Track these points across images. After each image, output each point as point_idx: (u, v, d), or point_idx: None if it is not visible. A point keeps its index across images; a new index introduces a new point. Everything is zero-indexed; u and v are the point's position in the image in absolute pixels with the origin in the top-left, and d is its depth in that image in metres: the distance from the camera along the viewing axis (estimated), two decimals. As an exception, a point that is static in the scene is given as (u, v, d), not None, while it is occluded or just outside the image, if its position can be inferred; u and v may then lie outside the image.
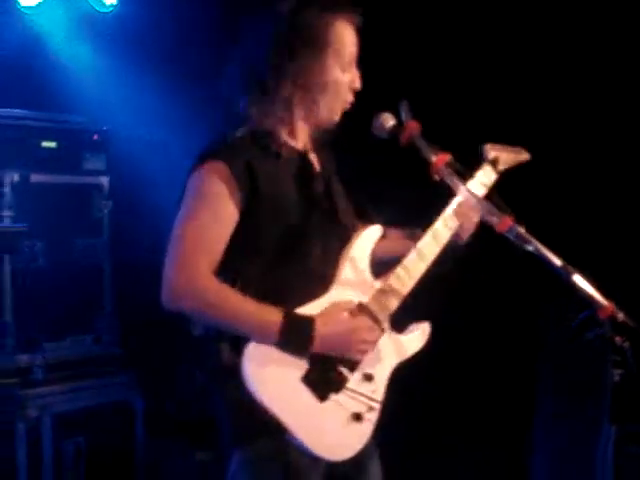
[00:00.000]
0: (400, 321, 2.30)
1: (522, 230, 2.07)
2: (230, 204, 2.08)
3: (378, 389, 2.21)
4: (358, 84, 2.21)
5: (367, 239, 2.27)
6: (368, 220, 2.35)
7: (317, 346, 2.07)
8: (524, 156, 2.61)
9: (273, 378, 2.05)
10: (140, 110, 4.52)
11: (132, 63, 4.45)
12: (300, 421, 2.05)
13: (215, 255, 2.08)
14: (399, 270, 2.23)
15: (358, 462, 2.22)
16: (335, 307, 2.13)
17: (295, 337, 2.05)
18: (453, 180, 2.04)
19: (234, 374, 2.02)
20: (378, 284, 2.23)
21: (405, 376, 2.30)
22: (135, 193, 4.51)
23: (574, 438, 3.52)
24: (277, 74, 2.13)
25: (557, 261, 2.02)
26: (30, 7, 4.34)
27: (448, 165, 2.05)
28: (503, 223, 2.06)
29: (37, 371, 3.90)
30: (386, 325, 2.23)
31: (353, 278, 2.20)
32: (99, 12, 4.37)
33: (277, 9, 2.16)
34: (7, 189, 3.91)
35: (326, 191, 2.27)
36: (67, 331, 4.15)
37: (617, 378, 1.99)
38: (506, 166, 2.51)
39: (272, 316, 2.04)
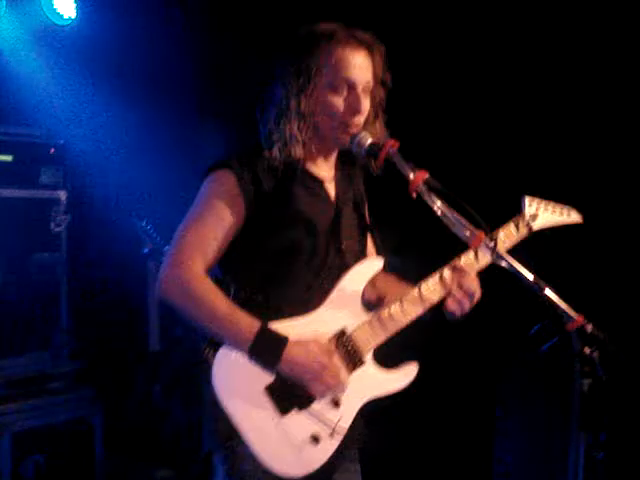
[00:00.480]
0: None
1: (496, 247, 2.13)
2: (232, 211, 2.17)
3: (344, 418, 2.20)
4: (359, 107, 2.21)
5: (366, 269, 2.29)
6: (375, 253, 2.44)
7: (282, 368, 2.10)
8: (573, 218, 2.53)
9: (238, 384, 2.10)
10: (98, 124, 4.49)
11: (90, 76, 4.42)
12: (257, 431, 2.08)
13: (211, 257, 2.16)
14: (394, 306, 2.26)
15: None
16: (313, 341, 2.14)
17: (264, 352, 2.09)
18: (430, 197, 2.08)
19: (209, 376, 2.10)
20: (368, 316, 2.26)
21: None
22: (93, 207, 4.47)
23: (540, 444, 3.61)
24: (286, 100, 2.20)
25: (529, 275, 2.09)
26: (-15, 19, 4.27)
27: (426, 182, 2.09)
28: (477, 238, 2.11)
29: (-5, 389, 3.83)
30: (368, 357, 2.25)
31: (343, 303, 2.23)
32: (57, 25, 4.32)
33: (285, 37, 2.26)
34: (-37, 204, 3.84)
35: (334, 219, 2.30)
36: (24, 347, 4.09)
37: (586, 387, 2.06)
38: (545, 226, 2.45)
39: (249, 325, 2.09)
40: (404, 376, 2.31)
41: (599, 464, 2.09)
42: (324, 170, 2.33)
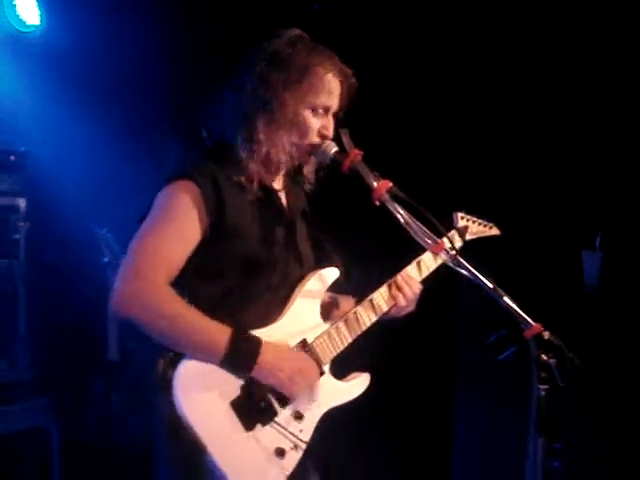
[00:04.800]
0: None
1: (457, 254, 2.19)
2: (195, 224, 2.11)
3: (306, 429, 2.22)
4: (329, 132, 2.26)
5: (322, 279, 2.33)
6: (329, 262, 2.43)
7: (258, 370, 2.09)
8: (494, 231, 2.81)
9: (202, 400, 2.05)
10: (58, 131, 4.47)
11: (51, 84, 4.40)
12: (222, 446, 2.05)
13: (172, 270, 2.10)
14: (351, 315, 2.32)
15: None
16: (283, 342, 2.17)
17: (241, 355, 2.07)
18: (393, 206, 2.12)
19: (168, 390, 2.04)
20: (326, 325, 2.30)
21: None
22: (53, 215, 4.44)
23: (498, 452, 3.67)
24: (253, 104, 2.19)
25: (488, 283, 2.15)
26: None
27: (389, 191, 2.14)
28: (439, 247, 2.17)
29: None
30: (326, 368, 2.29)
31: (303, 314, 2.26)
32: (20, 31, 4.30)
33: (268, 44, 2.23)
34: None
35: (288, 230, 2.32)
36: (-21, 355, 4.03)
37: (543, 394, 2.12)
38: (473, 237, 2.68)
39: (222, 330, 2.07)
40: (359, 385, 2.37)
41: (555, 473, 2.15)
42: (277, 179, 2.35)
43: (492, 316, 2.19)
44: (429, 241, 2.17)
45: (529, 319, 2.13)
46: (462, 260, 2.19)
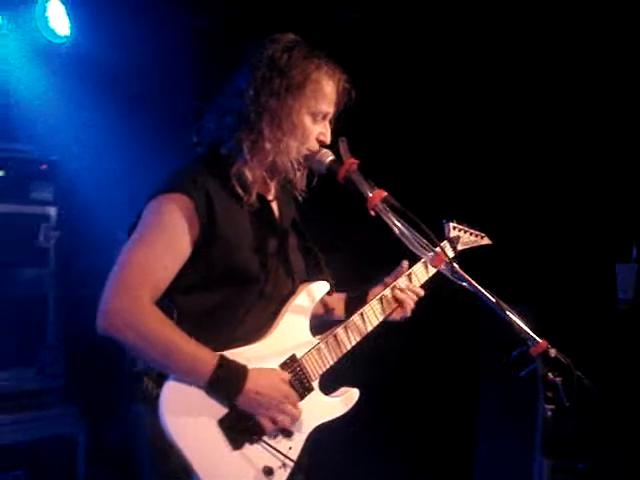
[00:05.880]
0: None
1: (457, 267, 2.11)
2: (186, 238, 2.05)
3: (295, 447, 2.17)
4: (327, 139, 2.22)
5: (312, 293, 2.27)
6: (319, 273, 2.37)
7: (242, 399, 2.04)
8: (485, 241, 2.76)
9: (189, 419, 2.00)
10: (90, 141, 4.51)
11: (83, 94, 4.44)
12: (209, 466, 2.00)
13: (160, 286, 2.04)
14: (339, 330, 2.26)
15: None
16: (272, 369, 2.12)
17: (224, 384, 2.02)
18: (388, 215, 2.06)
19: (153, 408, 1.99)
20: (316, 340, 2.24)
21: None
22: (83, 224, 4.48)
23: (510, 469, 3.57)
24: (255, 110, 2.14)
25: (491, 297, 2.06)
26: (-18, 36, 4.33)
27: (384, 201, 2.08)
28: (438, 259, 2.10)
29: (-25, 403, 3.82)
30: (315, 384, 2.23)
31: (292, 329, 2.20)
32: (53, 43, 4.36)
33: (265, 49, 2.19)
34: (-50, 216, 3.86)
35: (281, 241, 2.27)
36: (9, 362, 4.07)
37: (549, 414, 2.03)
38: (465, 247, 2.64)
39: (206, 357, 2.01)
40: (347, 401, 2.31)
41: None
42: (269, 188, 2.30)
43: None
44: (427, 252, 2.10)
45: (535, 336, 2.04)
46: (463, 273, 2.11)
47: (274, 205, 2.30)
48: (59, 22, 4.32)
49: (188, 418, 2.00)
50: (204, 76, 4.49)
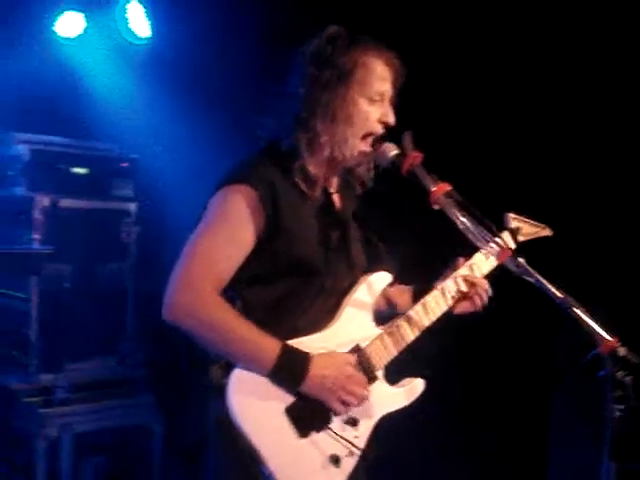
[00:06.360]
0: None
1: (522, 261, 2.08)
2: (250, 229, 2.08)
3: (361, 436, 2.17)
4: (391, 119, 2.22)
5: (374, 284, 2.28)
6: (380, 265, 2.36)
7: (306, 386, 2.05)
8: (547, 232, 2.69)
9: (256, 406, 2.03)
10: (169, 139, 4.62)
11: (163, 94, 4.56)
12: (277, 454, 2.02)
13: (224, 277, 2.08)
14: (401, 321, 2.26)
15: None
16: (334, 352, 2.12)
17: (288, 371, 2.04)
18: (451, 210, 2.05)
19: (221, 397, 2.02)
20: (378, 330, 2.24)
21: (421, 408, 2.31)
22: (163, 220, 4.59)
23: (580, 472, 3.48)
24: (308, 109, 2.16)
25: (558, 294, 2.02)
26: (68, 38, 4.50)
27: (447, 195, 2.07)
28: (503, 253, 2.07)
29: (59, 391, 3.97)
30: (380, 373, 2.23)
31: (355, 319, 2.21)
32: (134, 44, 4.50)
33: (309, 46, 2.21)
34: (37, 213, 4.02)
35: (342, 233, 2.28)
36: (90, 353, 4.22)
37: (618, 414, 1.97)
38: (526, 238, 2.58)
39: (270, 345, 2.04)
40: (412, 391, 2.30)
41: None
42: (331, 181, 2.31)
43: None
44: (491, 246, 2.08)
45: (604, 333, 1.99)
46: (527, 266, 2.08)
47: (335, 197, 2.32)
48: (139, 23, 4.45)
49: (255, 406, 2.03)
50: (282, 73, 4.55)
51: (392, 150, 2.19)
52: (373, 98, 2.19)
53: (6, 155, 4.16)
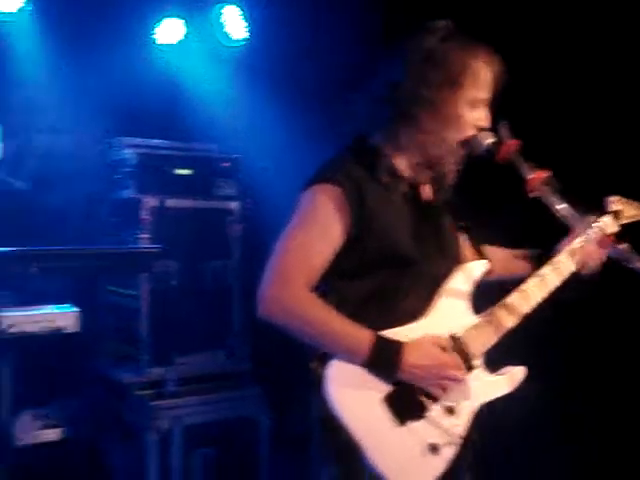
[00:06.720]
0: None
1: (627, 248, 2.05)
2: (339, 226, 2.12)
3: (460, 424, 2.17)
4: (485, 123, 2.22)
5: (470, 273, 2.27)
6: (477, 253, 2.35)
7: (402, 373, 2.07)
8: None
9: (354, 396, 2.05)
10: (268, 139, 4.71)
11: (261, 95, 4.65)
12: (376, 443, 2.04)
13: (316, 272, 2.12)
14: (500, 311, 2.24)
15: None
16: (426, 337, 2.13)
17: (383, 360, 2.06)
18: (549, 198, 2.04)
19: (320, 388, 2.05)
20: (476, 319, 2.24)
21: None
22: (264, 218, 4.68)
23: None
24: (413, 101, 2.16)
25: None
26: (168, 45, 4.66)
27: (545, 183, 2.05)
28: (605, 240, 2.04)
29: (169, 384, 4.12)
30: (478, 362, 2.22)
31: (450, 309, 2.21)
32: (231, 47, 4.60)
33: (421, 40, 2.21)
34: (145, 213, 4.19)
35: (434, 224, 2.29)
36: (199, 347, 4.37)
37: None
38: (629, 220, 2.51)
39: (363, 336, 2.07)
40: (510, 379, 2.28)
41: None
42: (420, 173, 2.29)
43: None
44: (593, 232, 2.05)
45: None
46: (634, 254, 2.04)
47: (424, 188, 2.32)
48: (235, 26, 4.55)
49: (352, 396, 2.06)
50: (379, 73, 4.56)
51: (488, 137, 2.18)
52: (475, 104, 2.20)
53: (115, 159, 4.37)
